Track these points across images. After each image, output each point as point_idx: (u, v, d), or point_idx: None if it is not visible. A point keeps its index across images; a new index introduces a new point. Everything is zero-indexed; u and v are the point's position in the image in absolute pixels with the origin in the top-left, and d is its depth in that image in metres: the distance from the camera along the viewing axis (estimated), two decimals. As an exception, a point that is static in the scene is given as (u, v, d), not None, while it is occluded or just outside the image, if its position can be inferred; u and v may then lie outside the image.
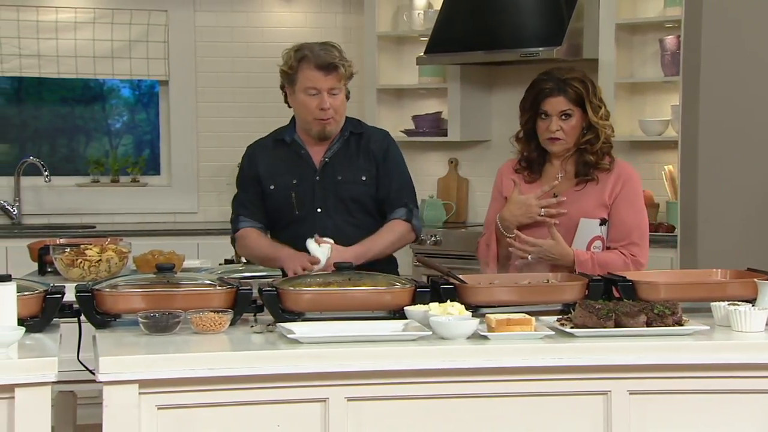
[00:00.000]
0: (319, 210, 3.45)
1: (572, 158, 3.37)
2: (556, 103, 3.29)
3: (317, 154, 3.49)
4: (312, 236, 3.35)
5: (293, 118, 3.57)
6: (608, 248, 3.31)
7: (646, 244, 3.35)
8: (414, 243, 3.72)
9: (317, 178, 3.47)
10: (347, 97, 3.48)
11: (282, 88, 3.51)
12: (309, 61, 3.38)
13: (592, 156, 3.32)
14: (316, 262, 3.29)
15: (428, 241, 5.59)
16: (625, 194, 3.32)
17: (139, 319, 2.65)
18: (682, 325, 2.69)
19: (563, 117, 3.30)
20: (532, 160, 3.39)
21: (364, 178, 3.49)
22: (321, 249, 3.31)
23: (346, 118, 3.52)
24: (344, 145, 3.50)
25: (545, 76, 3.33)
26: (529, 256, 3.27)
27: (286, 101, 3.53)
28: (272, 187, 3.49)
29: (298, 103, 3.44)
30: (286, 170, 3.49)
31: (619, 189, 3.32)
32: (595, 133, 3.31)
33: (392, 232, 3.47)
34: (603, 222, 3.32)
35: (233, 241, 3.64)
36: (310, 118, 3.43)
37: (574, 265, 3.24)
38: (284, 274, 3.36)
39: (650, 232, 5.03)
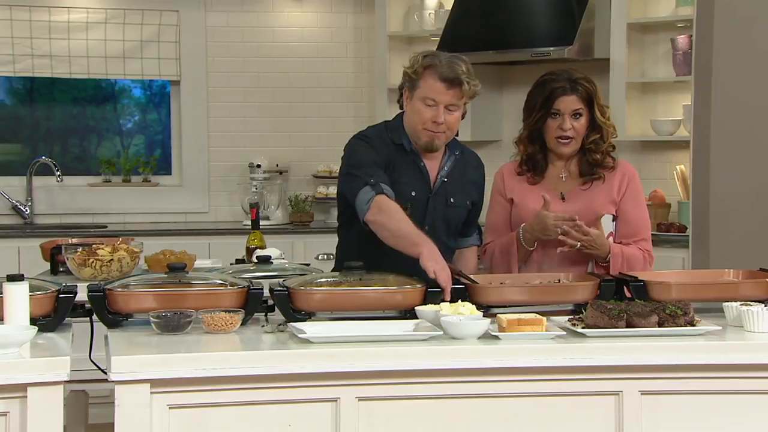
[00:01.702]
0: (426, 227, 3.29)
1: (575, 158, 3.39)
2: (570, 102, 3.31)
3: (432, 169, 3.37)
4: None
5: (399, 119, 3.42)
6: (618, 243, 3.34)
7: (650, 240, 3.41)
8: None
9: (431, 195, 3.36)
10: (463, 116, 3.33)
11: (401, 88, 3.38)
12: (434, 71, 3.24)
13: (597, 155, 3.35)
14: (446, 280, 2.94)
15: (439, 241, 5.58)
16: (630, 192, 3.37)
17: (151, 318, 2.66)
18: (694, 325, 2.69)
19: (575, 116, 3.31)
20: (537, 161, 3.39)
21: (468, 203, 3.44)
22: None
23: None
24: (455, 164, 3.41)
25: (554, 76, 3.35)
26: (578, 244, 3.23)
27: (399, 101, 3.39)
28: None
29: (413, 109, 3.30)
30: (406, 179, 3.33)
31: (625, 187, 3.37)
32: (601, 134, 3.34)
33: (474, 260, 3.48)
34: (614, 218, 3.36)
35: (370, 203, 3.16)
36: (420, 128, 3.29)
37: (607, 257, 3.26)
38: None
39: (662, 232, 5.12)
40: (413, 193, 3.33)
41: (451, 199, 3.40)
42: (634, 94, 5.39)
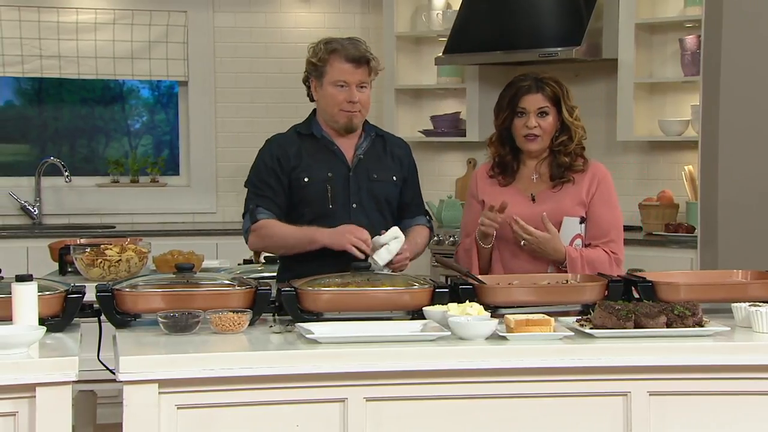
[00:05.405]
0: (354, 206, 3.43)
1: (546, 161, 3.41)
2: (534, 100, 3.34)
3: (347, 150, 3.47)
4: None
5: (312, 114, 3.54)
6: (587, 245, 3.35)
7: (622, 240, 3.41)
8: (433, 243, 3.72)
9: (351, 173, 3.45)
10: None
11: (305, 81, 3.49)
12: (340, 54, 3.38)
13: (566, 157, 3.37)
14: (365, 238, 3.25)
15: (447, 242, 5.58)
16: (600, 193, 3.38)
17: (159, 318, 2.67)
18: (702, 326, 2.68)
19: (540, 114, 3.33)
20: (507, 163, 3.42)
21: (394, 179, 3.51)
22: (397, 238, 3.29)
23: (365, 121, 3.52)
24: (372, 144, 3.51)
25: (522, 77, 3.41)
26: (522, 242, 3.28)
27: (308, 95, 3.50)
28: (306, 179, 3.42)
29: (325, 95, 3.42)
30: (320, 163, 3.44)
31: (594, 188, 3.38)
32: (569, 135, 3.37)
33: (423, 236, 3.54)
34: (582, 220, 3.36)
35: (247, 233, 3.47)
36: (336, 110, 3.41)
37: (564, 261, 3.27)
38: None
39: (671, 232, 5.11)
40: (330, 174, 3.43)
41: (374, 175, 3.47)
42: (642, 95, 5.38)
